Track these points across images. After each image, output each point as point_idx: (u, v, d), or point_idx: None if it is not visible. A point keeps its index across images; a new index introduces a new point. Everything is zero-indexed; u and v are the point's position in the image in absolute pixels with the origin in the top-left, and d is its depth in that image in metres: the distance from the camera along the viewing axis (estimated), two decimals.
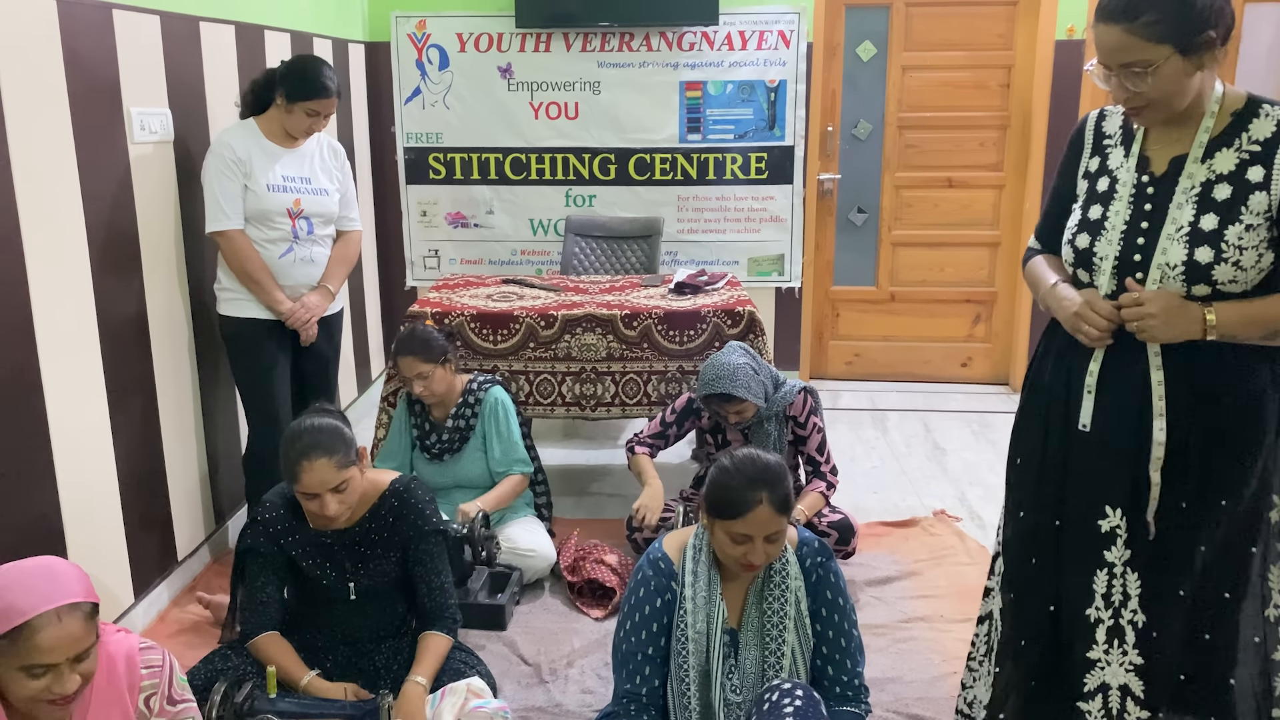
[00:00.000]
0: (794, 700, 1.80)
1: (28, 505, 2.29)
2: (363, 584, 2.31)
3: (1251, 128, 1.61)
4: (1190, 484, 1.67)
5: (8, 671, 1.48)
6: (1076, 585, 1.78)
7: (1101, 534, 1.74)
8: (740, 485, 1.88)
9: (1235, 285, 1.61)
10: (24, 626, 1.46)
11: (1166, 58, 1.55)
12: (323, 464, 2.12)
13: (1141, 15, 1.54)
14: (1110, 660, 1.75)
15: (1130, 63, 1.57)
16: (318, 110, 2.93)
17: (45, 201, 2.36)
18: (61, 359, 2.41)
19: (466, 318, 3.44)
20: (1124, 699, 1.75)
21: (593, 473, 4.02)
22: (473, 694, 2.21)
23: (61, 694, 1.50)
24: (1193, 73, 1.57)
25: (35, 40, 2.33)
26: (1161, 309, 1.61)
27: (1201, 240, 1.61)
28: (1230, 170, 1.61)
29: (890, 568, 3.13)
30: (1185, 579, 1.70)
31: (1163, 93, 1.58)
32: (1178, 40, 1.54)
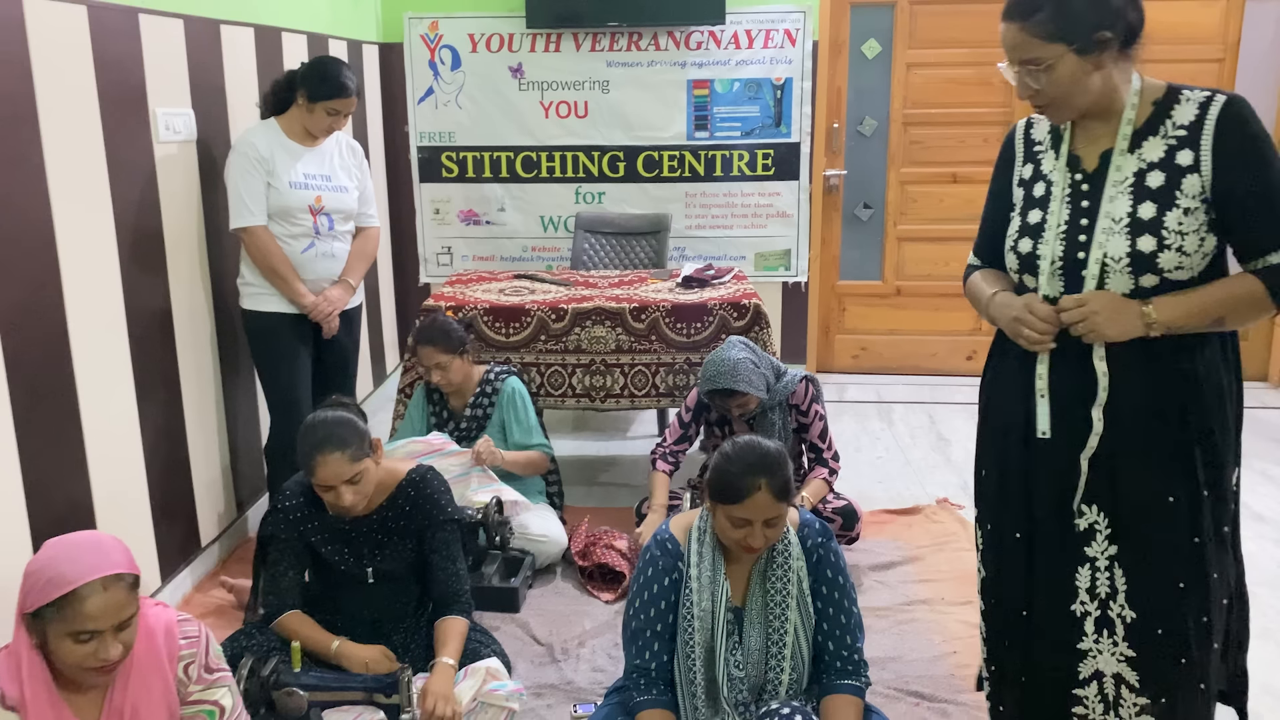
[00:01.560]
0: None
1: (61, 490, 2.39)
2: (380, 569, 2.40)
3: (1174, 114, 1.64)
4: (1176, 473, 1.69)
5: (56, 637, 1.58)
6: (1055, 585, 1.80)
7: (1080, 532, 1.77)
8: (740, 471, 1.96)
9: (1182, 272, 1.63)
10: (71, 594, 1.56)
11: (1060, 56, 1.60)
12: (336, 457, 2.21)
13: (1035, 14, 1.60)
14: (1101, 649, 1.79)
15: (1027, 60, 1.63)
16: (338, 109, 3.02)
17: (77, 200, 2.46)
18: (92, 351, 2.51)
19: (480, 311, 3.53)
20: (1119, 686, 1.78)
21: (603, 463, 4.11)
22: (491, 675, 2.30)
23: (106, 660, 1.59)
24: (1090, 71, 1.61)
25: (67, 45, 2.43)
26: (1104, 306, 1.64)
27: (1142, 229, 1.63)
28: (1160, 157, 1.64)
29: (893, 553, 3.22)
30: (1184, 569, 1.71)
31: (1060, 90, 1.63)
32: (1070, 39, 1.59)
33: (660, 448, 3.19)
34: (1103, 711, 1.81)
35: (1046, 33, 1.60)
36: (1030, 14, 1.61)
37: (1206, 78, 4.72)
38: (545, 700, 2.44)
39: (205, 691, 1.78)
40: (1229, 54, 4.70)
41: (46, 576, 1.58)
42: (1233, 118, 1.60)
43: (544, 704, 2.43)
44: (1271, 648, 2.67)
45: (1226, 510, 1.74)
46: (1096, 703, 1.81)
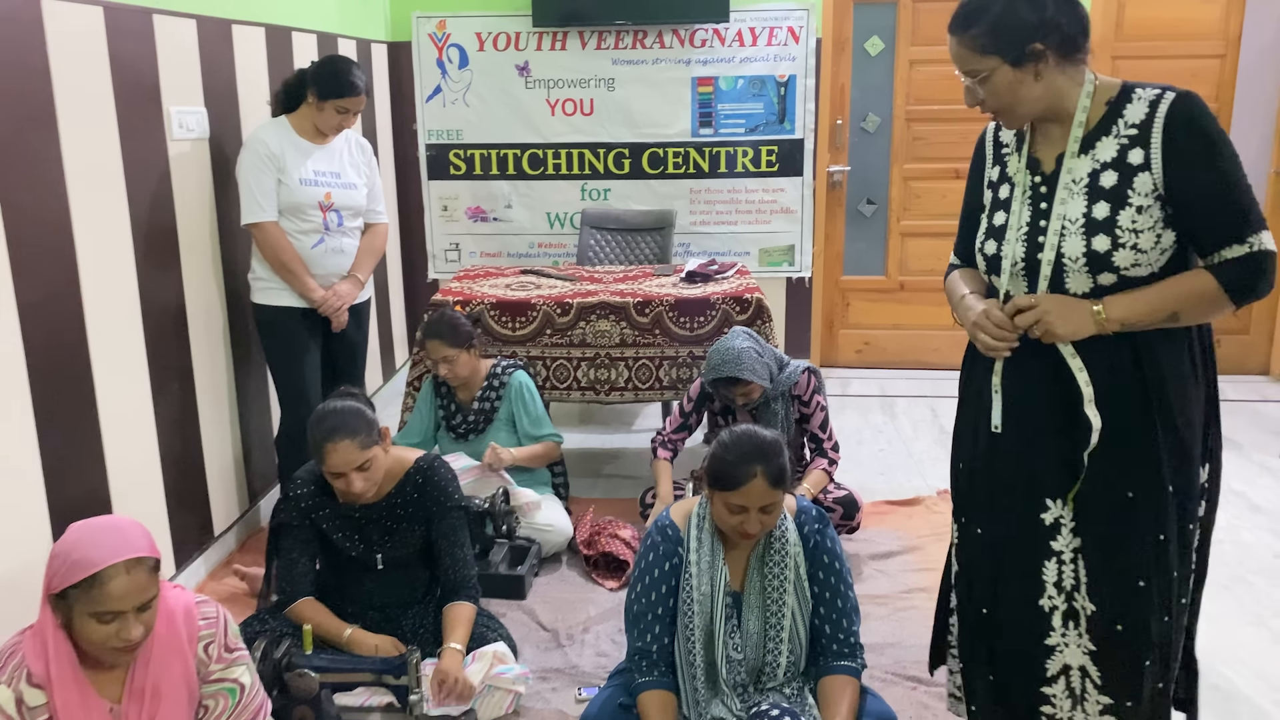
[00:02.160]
0: None
1: (79, 479, 2.46)
2: (389, 555, 2.46)
3: (1126, 113, 1.65)
4: (1139, 468, 1.70)
5: (80, 617, 1.64)
6: (1021, 581, 1.82)
7: (1045, 526, 1.79)
8: (736, 460, 2.01)
9: (1139, 269, 1.64)
10: (95, 576, 1.62)
11: (994, 69, 1.65)
12: (346, 445, 2.27)
13: (971, 29, 1.66)
14: (1068, 643, 1.80)
15: (967, 71, 1.68)
16: (347, 108, 3.08)
17: (94, 197, 2.53)
18: (109, 344, 2.58)
19: (486, 306, 3.59)
20: (1084, 680, 1.80)
21: (607, 455, 4.17)
22: (498, 659, 2.37)
23: (128, 640, 1.66)
24: (1029, 81, 1.65)
25: (84, 45, 2.49)
26: (1054, 306, 1.67)
27: (1097, 229, 1.64)
28: (1113, 157, 1.65)
29: (893, 543, 3.27)
30: (1142, 568, 1.73)
31: (1000, 100, 1.68)
32: (1003, 53, 1.63)
33: (660, 435, 3.25)
34: (1070, 708, 1.82)
35: (980, 46, 1.65)
36: (967, 28, 1.66)
37: (1208, 74, 4.76)
38: (551, 684, 2.50)
39: (225, 670, 1.84)
40: (1230, 50, 4.73)
41: (71, 559, 1.64)
42: (1181, 115, 1.61)
43: (549, 687, 2.48)
44: (1265, 635, 2.71)
45: (1192, 508, 1.74)
46: (1064, 698, 1.83)
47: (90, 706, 1.70)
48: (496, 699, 2.34)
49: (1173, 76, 4.67)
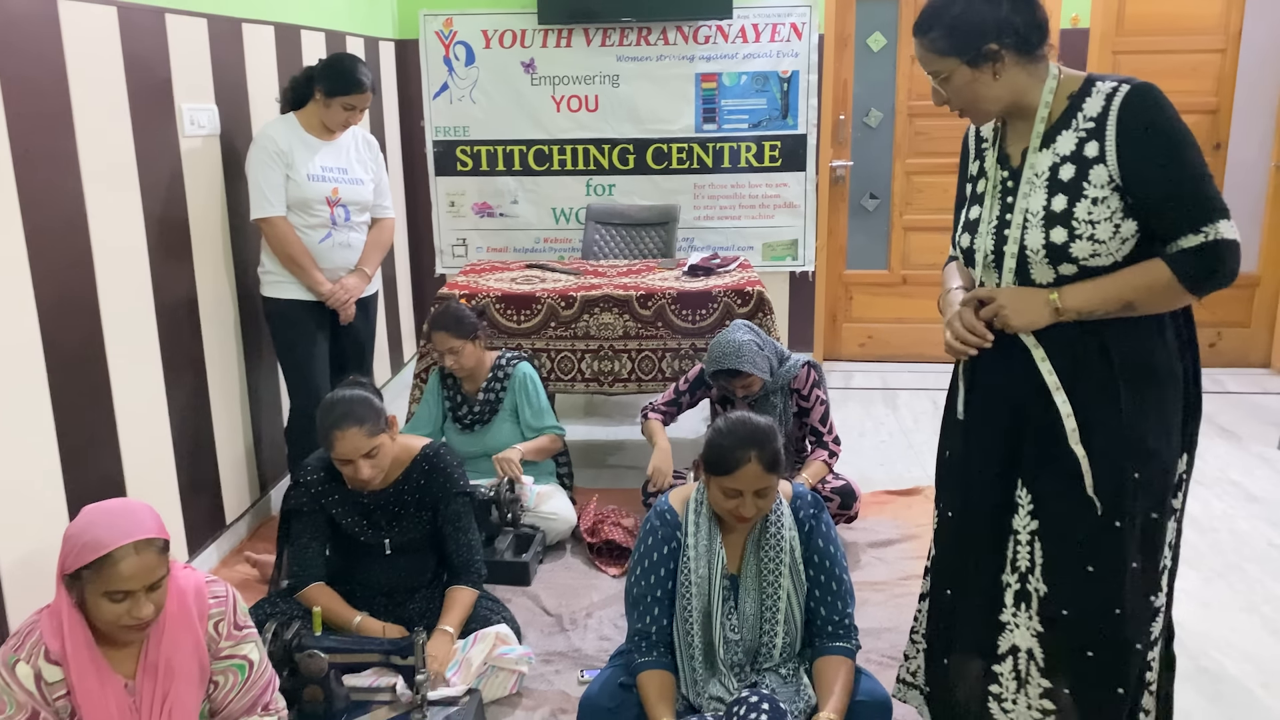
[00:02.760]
0: (761, 712, 1.88)
1: (95, 467, 2.53)
2: (397, 540, 2.53)
3: (1085, 106, 1.67)
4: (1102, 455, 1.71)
5: (93, 596, 1.70)
6: (981, 558, 1.86)
7: (1005, 506, 1.82)
8: (731, 445, 2.07)
9: (1099, 259, 1.67)
10: (106, 557, 1.68)
11: (953, 69, 1.70)
12: (354, 432, 2.34)
13: (930, 32, 1.71)
14: (1019, 623, 1.83)
15: (930, 72, 1.74)
16: (354, 105, 3.14)
17: (108, 192, 2.59)
18: (123, 336, 2.65)
19: (492, 299, 3.65)
20: (1029, 663, 1.82)
21: (611, 447, 4.23)
22: (500, 640, 2.43)
23: (139, 618, 1.72)
24: (988, 80, 1.69)
25: (99, 44, 2.56)
26: (1009, 298, 1.72)
27: (1054, 221, 1.67)
28: (1071, 150, 1.68)
29: (892, 531, 3.32)
30: (1092, 553, 1.74)
31: (963, 99, 1.73)
32: (960, 54, 1.68)
33: (650, 405, 3.31)
34: (1015, 689, 1.85)
35: (939, 48, 1.70)
36: (926, 31, 1.71)
37: (1208, 69, 4.78)
38: (554, 666, 2.56)
39: (235, 647, 1.90)
40: (1230, 45, 4.76)
41: (83, 541, 1.70)
42: (1134, 107, 1.63)
43: (553, 670, 2.55)
44: (1256, 620, 2.76)
45: (1159, 499, 1.74)
46: (1010, 679, 1.85)
47: (105, 682, 1.77)
48: (500, 679, 2.40)
49: (1173, 71, 4.73)
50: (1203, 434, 1.86)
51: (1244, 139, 4.85)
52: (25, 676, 1.71)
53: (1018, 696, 1.85)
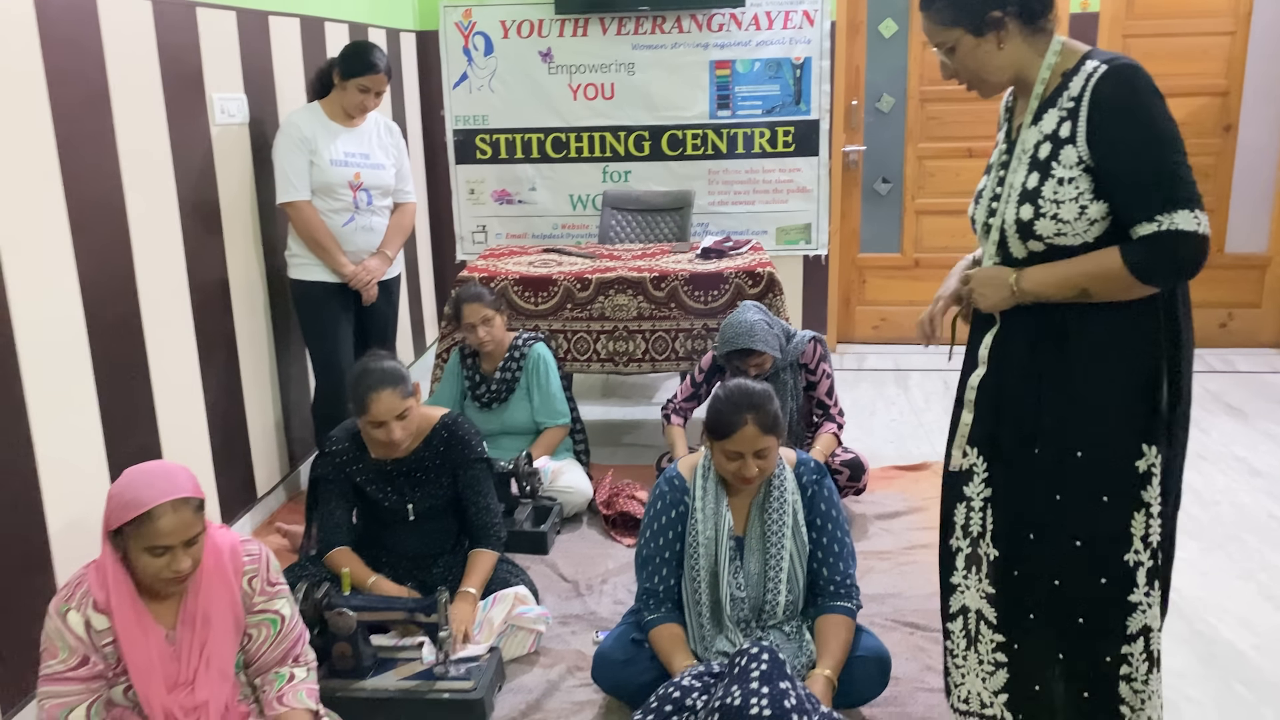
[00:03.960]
0: (760, 664, 1.94)
1: (134, 439, 2.66)
2: (419, 506, 2.65)
3: (1070, 85, 1.67)
4: (1044, 430, 1.76)
5: (135, 551, 1.83)
6: (944, 518, 1.95)
7: (960, 472, 1.88)
8: (729, 410, 2.18)
9: (1064, 239, 1.68)
10: (146, 514, 1.80)
11: (958, 39, 1.72)
12: (389, 394, 2.47)
13: (934, 3, 1.74)
14: (969, 585, 1.89)
15: (936, 44, 1.76)
16: (369, 86, 3.26)
17: (145, 178, 2.72)
18: (159, 315, 2.78)
19: (510, 281, 3.77)
20: (978, 622, 1.89)
21: (627, 426, 4.34)
22: (519, 600, 2.55)
23: (177, 571, 1.84)
24: (992, 49, 1.71)
25: (135, 37, 2.69)
26: (978, 281, 1.78)
27: (1025, 198, 1.70)
28: (1051, 129, 1.69)
29: (899, 504, 3.41)
30: (1035, 523, 1.79)
31: (968, 70, 1.75)
32: (964, 23, 1.71)
33: (671, 403, 3.41)
34: (965, 648, 1.93)
35: (942, 19, 1.73)
36: (931, 3, 1.75)
37: (1218, 51, 4.82)
38: (570, 628, 2.68)
39: (268, 602, 2.02)
40: (1240, 27, 4.79)
41: (125, 499, 1.82)
42: (1106, 89, 1.62)
43: (569, 630, 2.66)
44: (1253, 587, 2.83)
45: (1110, 482, 1.74)
46: (960, 637, 1.92)
47: (148, 631, 1.89)
48: (519, 638, 2.52)
49: (1183, 54, 4.78)
50: (1210, 411, 1.86)
51: (1254, 121, 4.89)
52: (76, 624, 1.83)
53: (968, 654, 1.92)
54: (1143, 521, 1.74)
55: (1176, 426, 1.76)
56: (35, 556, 2.29)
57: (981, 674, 1.91)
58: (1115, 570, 1.75)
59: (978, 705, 1.93)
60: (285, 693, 2.01)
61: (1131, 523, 1.74)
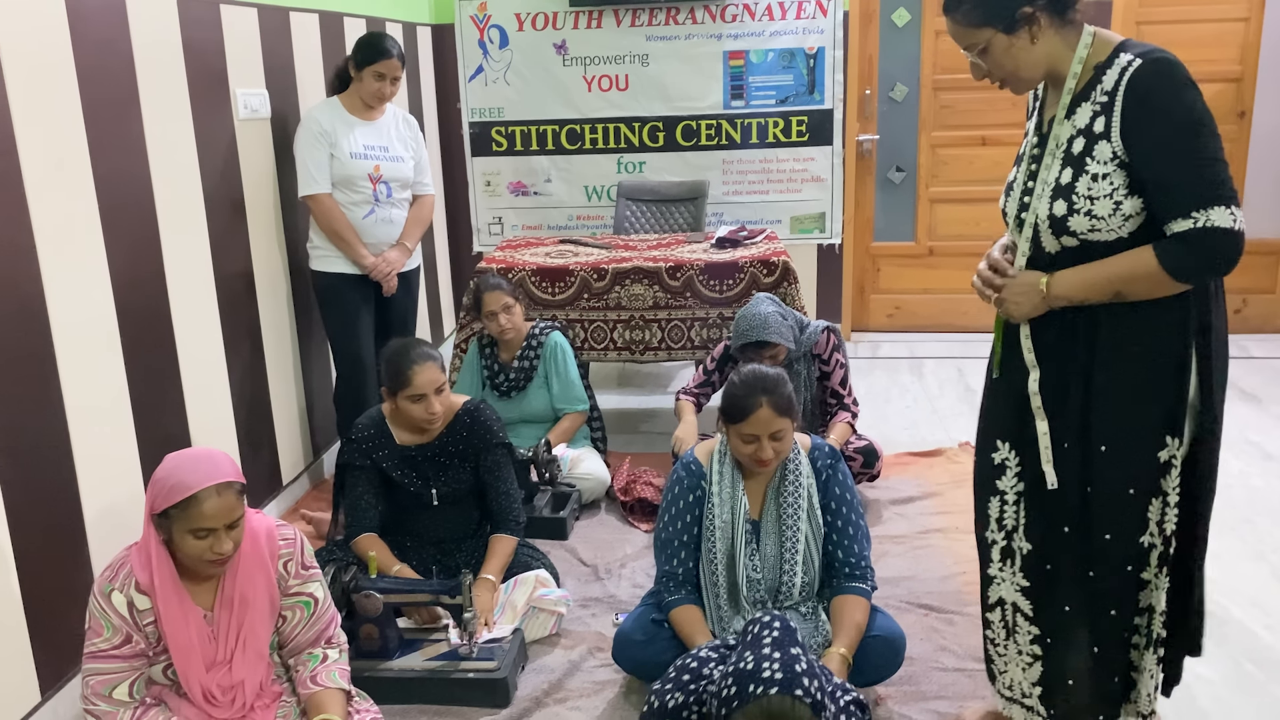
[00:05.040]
0: (772, 632, 1.97)
1: (163, 428, 2.73)
2: (442, 491, 2.71)
3: (1104, 79, 1.65)
4: (1070, 426, 1.77)
5: (179, 534, 1.89)
6: (979, 511, 1.97)
7: (994, 465, 1.91)
8: (743, 394, 2.23)
9: (1098, 234, 1.67)
10: (191, 498, 1.86)
11: (990, 38, 1.69)
12: (430, 366, 2.58)
13: (961, 6, 1.71)
14: (1005, 578, 1.92)
15: (967, 46, 1.73)
16: (384, 72, 3.30)
17: (172, 172, 2.79)
18: (187, 306, 2.85)
19: (528, 272, 3.82)
20: (1014, 614, 1.92)
21: (643, 415, 4.40)
22: (540, 583, 2.61)
23: (220, 553, 1.90)
24: (1026, 45, 1.68)
25: (161, 34, 2.75)
26: (1009, 293, 1.77)
27: (1059, 194, 1.69)
28: (1085, 124, 1.67)
29: (913, 489, 3.46)
30: (1067, 517, 1.81)
31: (1003, 69, 1.72)
32: (996, 22, 1.67)
33: (684, 389, 3.47)
34: (1004, 638, 1.97)
35: (972, 20, 1.69)
36: (958, 6, 1.71)
37: (1232, 37, 4.82)
38: (590, 610, 2.74)
39: (302, 585, 2.08)
40: (1254, 13, 4.79)
41: (171, 483, 1.89)
42: (1142, 84, 1.61)
43: (589, 613, 2.72)
44: (1265, 569, 2.86)
45: (1134, 473, 1.75)
46: (999, 627, 1.96)
47: (188, 612, 1.96)
48: (540, 620, 2.58)
49: (1197, 40, 4.78)
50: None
51: (1268, 107, 4.89)
52: (119, 603, 1.90)
53: (1007, 644, 1.96)
54: (1159, 508, 1.76)
55: (1206, 415, 1.74)
56: (72, 541, 2.37)
57: (1021, 664, 1.95)
58: (1139, 556, 1.78)
59: (1019, 694, 1.97)
60: (318, 673, 2.07)
61: (1149, 508, 1.76)
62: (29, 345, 2.23)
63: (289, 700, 2.08)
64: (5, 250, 2.16)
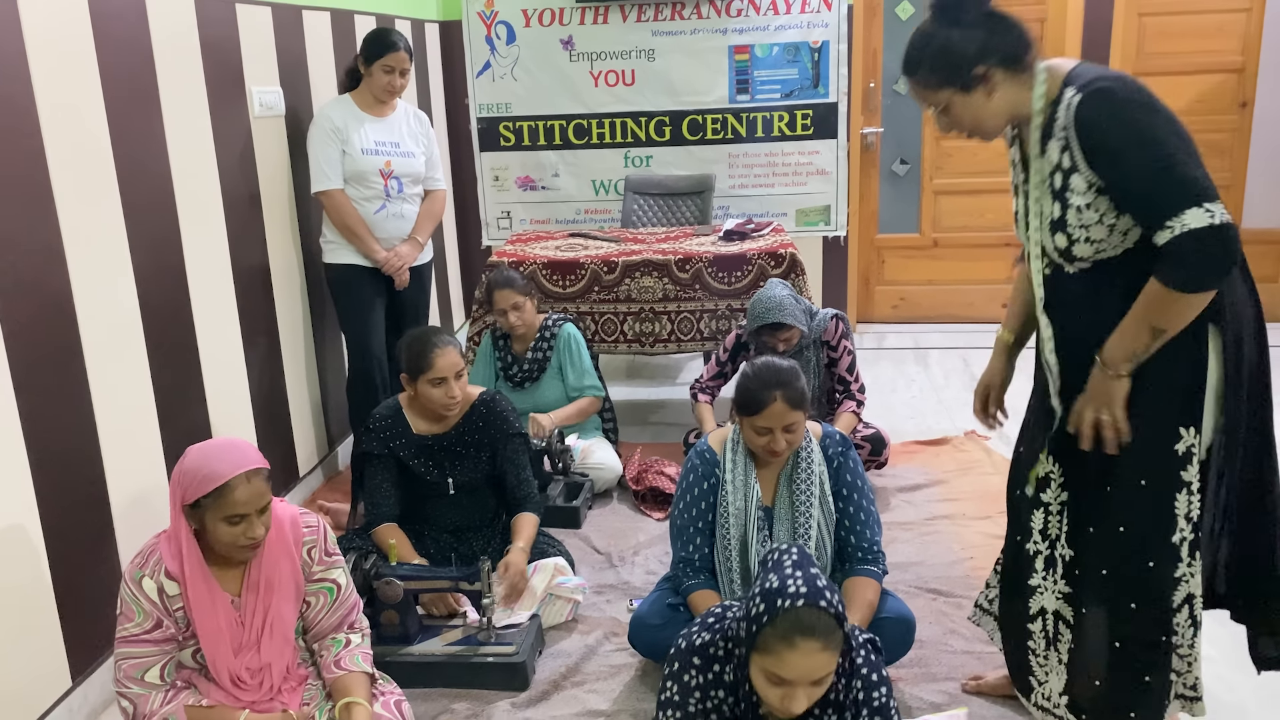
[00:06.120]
0: (791, 555, 2.02)
1: (185, 419, 2.78)
2: (459, 480, 2.76)
3: (1059, 115, 1.72)
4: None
5: (213, 522, 1.93)
6: (1019, 526, 2.04)
7: (1039, 478, 1.96)
8: (757, 387, 2.27)
9: (1104, 254, 1.74)
10: (224, 486, 1.91)
11: (949, 99, 1.78)
12: (451, 350, 2.63)
13: (918, 71, 1.81)
14: (1047, 587, 1.96)
15: (928, 105, 1.83)
16: (393, 65, 3.35)
17: (191, 170, 2.84)
18: (206, 299, 2.90)
19: (538, 266, 3.87)
20: (1057, 623, 1.95)
21: (653, 406, 4.45)
22: (558, 571, 2.66)
23: (253, 538, 1.95)
24: (983, 100, 1.77)
25: (179, 33, 2.80)
26: (1094, 405, 1.79)
27: (1056, 228, 1.77)
28: (1057, 160, 1.74)
29: (920, 477, 3.50)
30: (1092, 518, 1.86)
31: (965, 124, 1.81)
32: (952, 84, 1.77)
33: (698, 383, 3.51)
34: (1045, 648, 2.01)
35: (929, 84, 1.80)
36: (915, 70, 1.82)
37: (1234, 28, 4.86)
38: (605, 596, 2.79)
39: (325, 572, 2.13)
40: (1255, 3, 4.82)
41: (201, 474, 1.93)
42: (1084, 119, 1.68)
43: (604, 599, 2.78)
44: None
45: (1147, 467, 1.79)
46: (1040, 637, 2.00)
47: (215, 597, 2.01)
48: (557, 607, 2.63)
49: (1199, 30, 4.82)
50: None
51: (1270, 97, 4.92)
52: (150, 589, 1.95)
53: (1049, 654, 2.00)
54: (1185, 500, 1.80)
55: (1231, 399, 1.76)
56: (99, 528, 2.42)
57: (1061, 672, 1.98)
58: (1164, 551, 1.81)
59: (1053, 705, 2.00)
60: (342, 657, 2.12)
61: (1175, 502, 1.79)
62: (58, 342, 2.29)
63: (314, 684, 2.13)
64: (35, 251, 2.22)
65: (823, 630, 1.61)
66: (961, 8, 1.75)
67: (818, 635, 1.60)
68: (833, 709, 1.73)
